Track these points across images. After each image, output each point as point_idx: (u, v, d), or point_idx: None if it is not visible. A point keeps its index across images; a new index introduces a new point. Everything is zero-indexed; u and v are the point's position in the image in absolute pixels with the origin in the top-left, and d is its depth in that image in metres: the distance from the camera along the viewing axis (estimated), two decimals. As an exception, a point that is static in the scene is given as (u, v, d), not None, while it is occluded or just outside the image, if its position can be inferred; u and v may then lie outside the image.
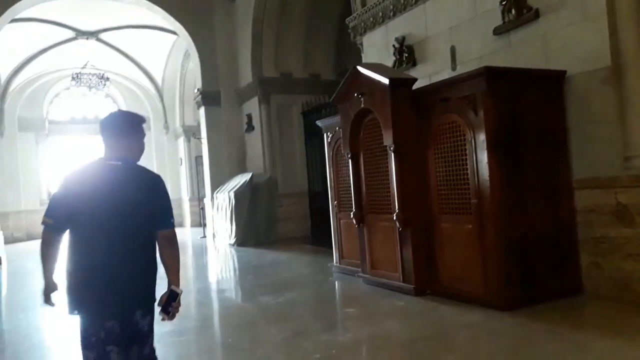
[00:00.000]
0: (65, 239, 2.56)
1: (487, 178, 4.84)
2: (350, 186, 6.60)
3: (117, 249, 2.51)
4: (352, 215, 6.44)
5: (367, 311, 5.30)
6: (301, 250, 10.20)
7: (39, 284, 2.57)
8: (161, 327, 5.05)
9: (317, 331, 4.66)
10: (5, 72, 16.71)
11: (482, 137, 4.88)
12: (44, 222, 2.53)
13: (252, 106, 12.84)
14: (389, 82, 5.58)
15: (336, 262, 7.40)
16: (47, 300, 2.57)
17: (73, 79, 16.71)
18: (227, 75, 13.45)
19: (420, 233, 5.57)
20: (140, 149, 2.72)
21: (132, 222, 2.56)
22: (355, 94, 6.14)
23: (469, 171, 5.04)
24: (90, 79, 16.92)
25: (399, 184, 5.61)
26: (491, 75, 4.85)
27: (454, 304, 5.05)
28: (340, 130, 6.92)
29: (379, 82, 5.74)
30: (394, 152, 5.63)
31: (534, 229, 4.95)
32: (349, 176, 6.64)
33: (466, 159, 5.08)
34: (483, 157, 4.87)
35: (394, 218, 5.62)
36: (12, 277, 9.73)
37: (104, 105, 20.42)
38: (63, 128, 19.71)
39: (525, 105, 5.04)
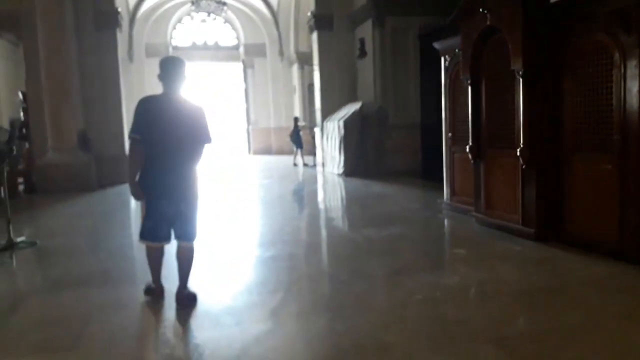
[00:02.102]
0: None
1: (637, 110, 4.04)
2: (467, 117, 5.98)
3: (175, 161, 3.56)
4: (468, 149, 5.86)
5: (479, 254, 4.86)
6: (410, 184, 9.80)
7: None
8: (264, 252, 5.11)
9: (421, 270, 4.36)
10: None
11: (634, 61, 4.03)
12: (131, 137, 3.55)
13: (366, 30, 12.17)
14: (523, -6, 4.76)
15: (447, 199, 6.93)
16: (138, 196, 3.60)
17: (193, 3, 17.04)
18: (341, -3, 12.79)
19: (547, 172, 4.91)
20: (183, 85, 3.63)
21: (185, 141, 3.55)
22: (480, 9, 5.38)
23: (613, 102, 4.24)
24: (209, 5, 17.15)
25: (527, 115, 4.92)
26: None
27: (581, 254, 4.45)
28: (460, 52, 6.21)
29: (508, -5, 4.94)
30: (522, 77, 4.91)
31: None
32: (466, 105, 6.00)
33: (611, 88, 4.27)
34: (634, 85, 4.05)
35: (518, 154, 4.99)
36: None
37: (223, 30, 20.81)
38: (186, 53, 20.45)
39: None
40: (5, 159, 5.94)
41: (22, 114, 11.58)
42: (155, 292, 3.85)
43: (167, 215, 3.59)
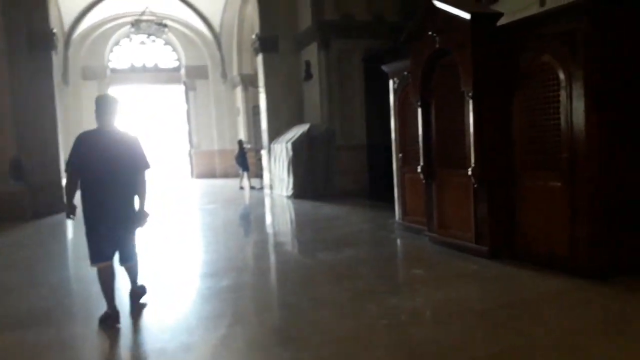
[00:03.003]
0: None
1: (583, 129, 4.21)
2: (417, 138, 6.06)
3: (112, 188, 3.88)
4: (419, 170, 5.92)
5: (436, 273, 4.87)
6: (359, 204, 9.83)
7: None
8: (218, 282, 4.90)
9: (383, 293, 4.29)
10: (68, 20, 16.81)
11: (580, 82, 4.20)
12: (66, 171, 4.04)
13: (311, 52, 12.25)
14: (472, 17, 4.91)
15: (399, 219, 6.96)
16: (69, 216, 3.97)
17: (132, 25, 16.60)
18: (286, 19, 12.84)
19: (498, 190, 5.02)
20: (115, 119, 4.00)
21: (119, 170, 3.90)
22: (430, 32, 5.50)
23: (561, 121, 4.40)
24: (149, 26, 16.77)
25: (477, 135, 5.02)
26: (596, 7, 4.11)
27: (534, 270, 4.55)
28: (409, 75, 6.32)
29: (459, 17, 5.07)
30: (472, 98, 5.02)
31: (633, 190, 4.31)
32: (416, 127, 6.08)
33: (558, 107, 4.43)
34: (579, 105, 4.22)
35: (469, 173, 5.08)
36: (76, 223, 9.92)
37: (163, 52, 20.38)
38: (125, 76, 19.88)
39: (635, 48, 4.28)
40: None
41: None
42: (111, 317, 3.85)
43: (107, 238, 3.91)
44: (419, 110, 5.94)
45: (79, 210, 3.91)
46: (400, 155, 6.79)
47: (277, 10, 12.95)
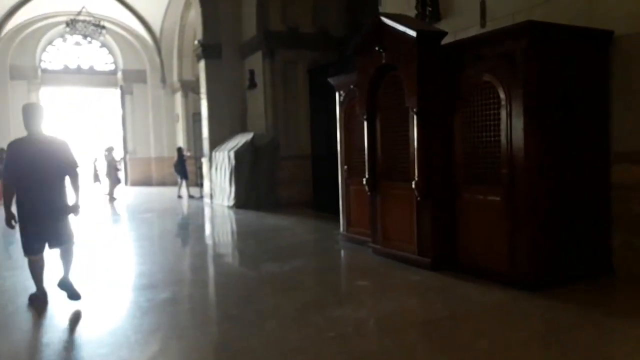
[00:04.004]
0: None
1: (522, 146, 4.40)
2: (363, 150, 6.13)
3: (43, 189, 4.32)
4: (364, 182, 5.99)
5: (380, 285, 4.92)
6: (303, 215, 9.81)
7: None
8: (157, 295, 4.72)
9: (328, 305, 4.27)
10: (-4, 15, 15.87)
11: (519, 100, 4.40)
12: (2, 177, 4.32)
13: (256, 61, 12.18)
14: (417, 34, 5.03)
15: (343, 230, 7.00)
16: (9, 224, 4.37)
17: (67, 25, 15.88)
18: (229, 26, 12.70)
19: (441, 203, 5.15)
20: (42, 126, 4.41)
21: (50, 171, 4.35)
22: (376, 48, 5.60)
23: (501, 138, 4.58)
24: (86, 27, 16.10)
25: (421, 149, 5.15)
26: (535, 30, 4.34)
27: (475, 281, 4.68)
28: (355, 88, 6.41)
29: (405, 34, 5.19)
30: (417, 114, 5.14)
31: (567, 204, 4.56)
32: (362, 139, 6.15)
33: (498, 125, 4.62)
34: (518, 123, 4.41)
35: (413, 187, 5.19)
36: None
37: (99, 55, 19.63)
38: (57, 78, 18.95)
39: (568, 68, 4.55)
40: None
41: None
42: (39, 298, 4.49)
43: (39, 234, 4.37)
44: (365, 124, 6.02)
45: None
46: (346, 167, 6.84)
47: (221, 17, 12.79)
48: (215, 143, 12.69)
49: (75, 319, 4.22)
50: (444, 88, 5.11)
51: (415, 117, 5.19)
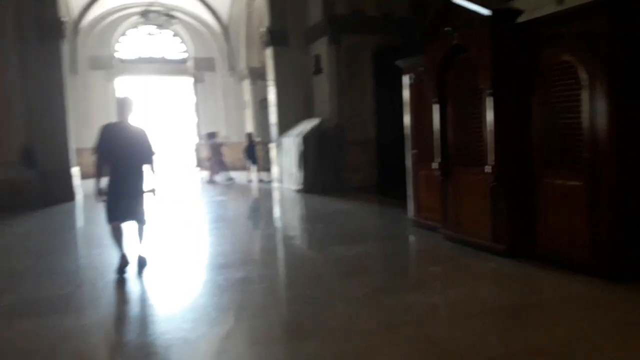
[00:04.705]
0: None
1: (605, 129, 4.18)
2: (432, 134, 6.04)
3: (127, 169, 5.00)
4: (435, 167, 5.91)
5: (452, 271, 4.86)
6: (369, 200, 9.81)
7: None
8: (233, 274, 4.91)
9: (400, 290, 4.29)
10: (77, 9, 16.79)
11: (602, 81, 4.17)
12: (95, 154, 5.01)
13: (321, 47, 12.20)
14: (492, 14, 4.87)
15: (412, 216, 6.95)
16: (97, 198, 5.00)
17: (141, 16, 16.55)
18: (295, 12, 12.77)
19: (517, 189, 5.00)
20: (130, 115, 5.15)
21: (134, 153, 5.04)
22: (446, 29, 5.47)
23: (582, 120, 4.37)
24: (158, 17, 16.72)
25: (495, 133, 5.00)
26: (617, 6, 4.08)
27: (554, 270, 4.52)
28: (424, 71, 6.31)
29: (477, 14, 5.04)
30: (491, 96, 5.00)
31: (656, 191, 4.29)
32: (431, 123, 6.05)
33: (579, 106, 4.40)
34: (602, 105, 4.19)
35: (487, 171, 5.07)
36: (87, 212, 9.97)
37: (171, 44, 20.34)
38: (131, 67, 19.84)
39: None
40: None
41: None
42: (122, 262, 5.04)
43: (120, 207, 4.98)
44: (436, 107, 5.92)
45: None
46: (415, 151, 6.77)
47: (287, 3, 12.90)
48: (283, 129, 12.89)
49: (160, 295, 4.49)
50: (519, 68, 4.93)
51: (489, 98, 5.04)
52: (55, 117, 10.95)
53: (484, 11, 4.97)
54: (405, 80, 7.01)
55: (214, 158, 15.24)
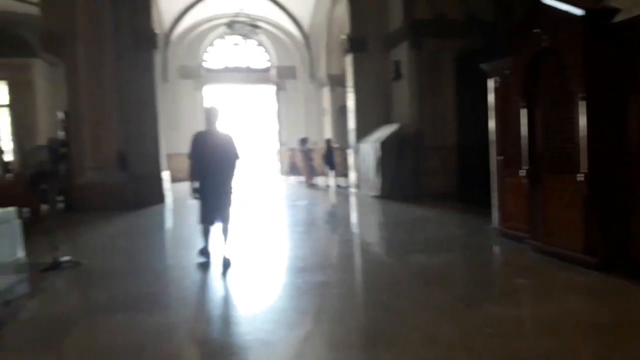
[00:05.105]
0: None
1: None
2: (519, 140, 5.77)
3: (217, 173, 5.49)
4: (522, 174, 5.65)
5: (541, 284, 4.60)
6: (449, 207, 9.56)
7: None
8: (312, 278, 4.97)
9: (485, 301, 4.14)
10: (168, 21, 17.80)
11: None
12: (189, 160, 5.61)
13: (401, 52, 12.10)
14: (585, 13, 4.60)
15: (496, 224, 6.68)
16: (193, 195, 5.60)
17: (228, 26, 17.25)
18: (376, 19, 12.79)
19: (612, 198, 4.67)
20: (217, 123, 5.64)
21: (222, 158, 5.52)
22: (535, 30, 5.23)
23: (691, 125, 4.00)
24: (243, 28, 17.35)
25: (589, 138, 4.70)
26: None
27: (654, 286, 4.17)
28: (511, 74, 6.06)
29: (569, 14, 4.78)
30: (584, 100, 4.70)
31: None
32: (519, 128, 5.79)
33: (688, 110, 4.03)
34: None
35: (580, 179, 4.76)
36: (175, 214, 10.51)
37: (255, 53, 21.01)
38: (218, 75, 20.71)
39: None
40: (48, 178, 5.95)
41: (63, 133, 11.68)
42: (204, 251, 5.68)
43: (212, 209, 5.53)
44: (523, 111, 5.66)
45: None
46: (500, 157, 6.51)
47: (368, 10, 12.93)
48: (361, 134, 12.90)
49: (242, 295, 4.63)
50: (615, 71, 4.61)
51: (581, 102, 4.75)
52: (147, 124, 11.65)
53: (577, 11, 4.70)
54: (490, 83, 6.77)
55: (306, 163, 15.54)
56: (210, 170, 5.45)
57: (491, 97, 6.75)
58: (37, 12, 11.40)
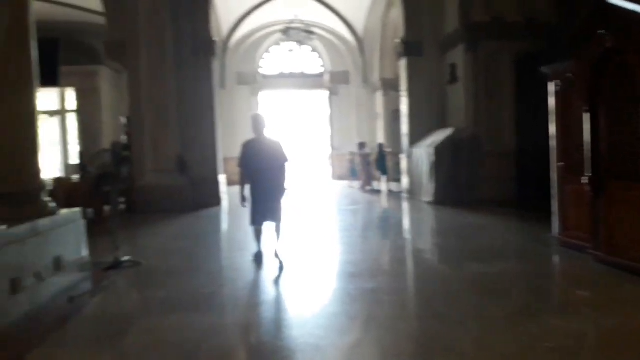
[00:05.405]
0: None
1: None
2: (582, 146, 5.53)
3: (266, 178, 5.72)
4: (585, 181, 5.40)
5: (604, 297, 4.39)
6: (506, 214, 9.26)
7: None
8: (363, 284, 4.94)
9: (544, 313, 3.97)
10: (225, 29, 18.26)
11: None
12: (239, 166, 5.95)
13: (457, 55, 11.85)
14: (657, 13, 4.36)
15: (556, 233, 6.41)
16: (242, 203, 5.99)
17: (283, 33, 17.49)
18: (431, 22, 12.59)
19: (686, 208, 4.38)
20: (265, 130, 5.93)
21: (271, 163, 5.78)
22: (600, 31, 5.00)
23: None
24: (298, 34, 17.54)
25: (660, 145, 4.44)
26: None
27: None
28: (573, 77, 5.82)
29: (637, 14, 4.54)
30: (655, 104, 4.45)
31: None
32: (581, 133, 5.55)
33: None
34: None
35: (649, 187, 4.51)
36: (231, 216, 10.75)
37: (309, 59, 21.19)
38: (273, 82, 21.02)
39: None
40: (111, 180, 6.21)
41: (126, 137, 12.22)
42: (258, 255, 5.90)
43: (263, 211, 5.81)
44: (586, 116, 5.42)
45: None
46: (562, 164, 6.25)
47: (423, 14, 12.77)
48: (414, 139, 12.73)
49: (294, 299, 4.67)
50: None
51: (652, 107, 4.50)
52: (205, 129, 11.99)
53: (647, 10, 4.46)
54: (551, 87, 6.53)
55: (364, 167, 15.52)
56: (260, 175, 5.72)
57: (552, 101, 6.51)
58: (103, 21, 11.99)
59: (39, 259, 4.47)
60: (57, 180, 10.18)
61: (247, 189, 5.86)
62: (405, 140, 13.37)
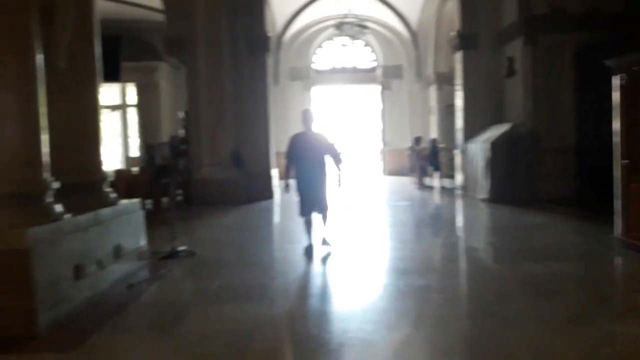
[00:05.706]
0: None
1: None
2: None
3: (313, 169, 6.01)
4: (652, 179, 5.13)
5: (670, 302, 4.17)
6: (566, 213, 8.92)
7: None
8: (414, 280, 4.91)
9: (603, 317, 3.82)
10: (280, 24, 18.46)
11: None
12: (286, 159, 6.22)
13: (515, 48, 11.47)
14: None
15: (619, 234, 6.12)
16: (287, 190, 6.32)
17: (336, 28, 17.50)
18: (488, 14, 12.26)
19: None
20: (313, 124, 6.21)
21: (317, 155, 6.05)
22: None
23: None
24: (351, 28, 17.50)
25: None
26: None
27: None
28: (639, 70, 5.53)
29: None
30: None
31: None
32: (649, 129, 5.27)
33: None
34: None
35: None
36: (283, 209, 10.92)
37: (362, 54, 21.10)
38: (327, 77, 21.09)
39: None
40: (169, 172, 6.45)
41: (183, 131, 12.63)
42: (308, 248, 6.05)
43: (310, 201, 6.07)
44: (655, 111, 5.14)
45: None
46: (626, 161, 5.95)
47: (479, 6, 12.45)
48: (469, 134, 12.46)
49: (344, 292, 4.70)
50: None
51: None
52: (259, 124, 12.23)
53: None
54: (616, 81, 6.22)
55: (418, 163, 15.33)
56: (307, 167, 5.98)
57: (616, 96, 6.20)
58: (163, 18, 12.40)
59: (100, 247, 4.66)
60: (118, 172, 10.64)
61: (291, 179, 6.20)
62: (459, 136, 13.11)
